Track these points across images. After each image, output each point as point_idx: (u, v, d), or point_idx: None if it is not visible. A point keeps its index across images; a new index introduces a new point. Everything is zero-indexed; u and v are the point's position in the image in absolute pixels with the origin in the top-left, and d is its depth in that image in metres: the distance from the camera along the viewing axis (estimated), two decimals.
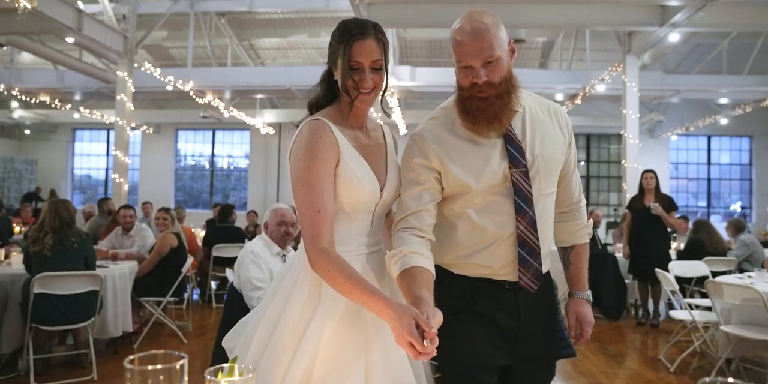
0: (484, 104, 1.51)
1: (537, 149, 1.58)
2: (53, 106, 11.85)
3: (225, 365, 1.06)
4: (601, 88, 10.03)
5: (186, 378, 0.91)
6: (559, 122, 1.67)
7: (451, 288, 1.63)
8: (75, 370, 4.03)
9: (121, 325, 4.46)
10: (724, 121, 12.36)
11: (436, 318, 1.24)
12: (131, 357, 0.89)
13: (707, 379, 0.84)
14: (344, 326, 1.41)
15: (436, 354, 1.21)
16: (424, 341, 1.18)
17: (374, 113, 1.69)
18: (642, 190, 5.88)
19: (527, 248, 1.56)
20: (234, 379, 1.03)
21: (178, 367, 0.89)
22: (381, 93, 1.55)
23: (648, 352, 5.00)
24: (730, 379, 0.83)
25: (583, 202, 1.83)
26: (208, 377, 1.00)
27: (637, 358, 4.81)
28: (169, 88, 10.36)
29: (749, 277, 4.59)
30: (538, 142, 1.59)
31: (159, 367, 0.88)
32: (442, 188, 1.58)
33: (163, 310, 5.00)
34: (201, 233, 7.40)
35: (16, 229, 7.86)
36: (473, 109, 1.52)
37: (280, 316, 1.43)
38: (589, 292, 1.83)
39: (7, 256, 4.73)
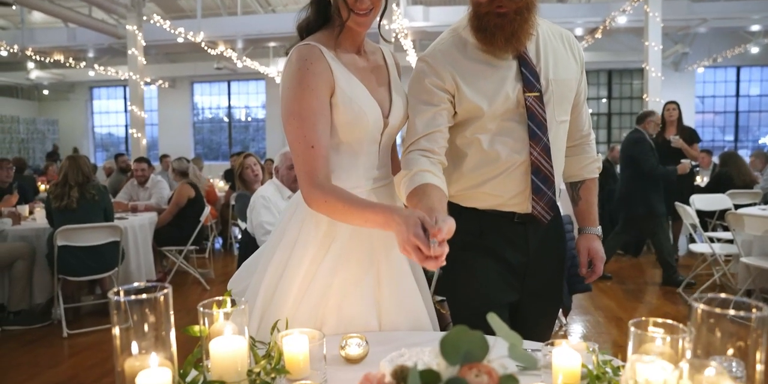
0: (503, 21, 1.41)
1: (551, 74, 1.51)
2: (68, 64, 11.84)
3: (219, 298, 1.05)
4: (622, 21, 9.62)
5: (171, 310, 0.90)
6: (572, 49, 1.60)
7: (458, 222, 1.60)
8: (104, 318, 4.17)
9: (145, 274, 4.60)
10: (755, 50, 11.83)
11: (447, 224, 1.12)
12: (116, 289, 0.88)
13: (700, 296, 0.82)
14: (354, 265, 1.38)
15: (443, 265, 1.11)
16: (431, 243, 1.08)
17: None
18: (664, 122, 5.71)
19: (541, 176, 1.50)
20: (228, 309, 1.03)
21: (161, 297, 0.88)
22: (380, 14, 1.41)
23: (667, 286, 5.00)
24: (722, 294, 0.80)
25: (593, 135, 1.77)
26: (202, 309, 1.00)
27: (655, 293, 4.81)
28: (180, 40, 10.24)
29: None
30: (552, 67, 1.52)
31: (144, 296, 0.86)
32: (455, 112, 1.51)
33: (185, 258, 5.12)
34: (219, 183, 7.48)
35: (42, 187, 8.01)
36: (491, 25, 1.42)
37: (288, 259, 1.38)
38: (600, 228, 1.78)
39: (31, 212, 4.85)
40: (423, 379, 0.69)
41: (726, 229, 4.87)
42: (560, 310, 3.46)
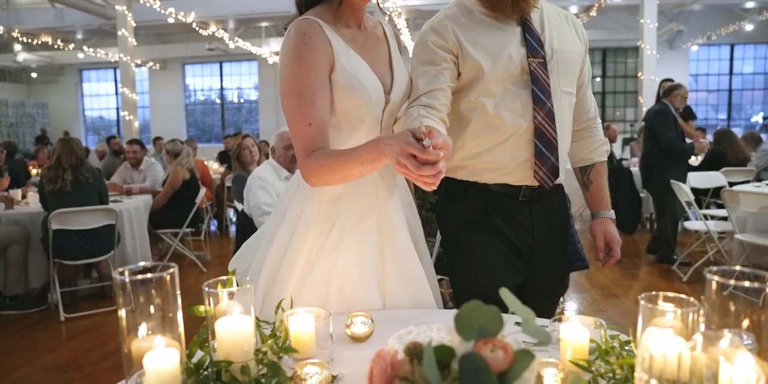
0: None
1: (555, 44, 1.53)
2: (56, 46, 11.66)
3: (224, 278, 1.04)
4: None
5: (178, 290, 0.89)
6: (576, 29, 1.62)
7: (462, 202, 1.58)
8: (101, 302, 4.19)
9: (141, 257, 4.59)
10: (749, 28, 11.76)
11: (442, 136, 1.09)
12: (121, 269, 0.86)
13: (714, 268, 0.81)
14: (357, 244, 1.36)
15: (442, 171, 1.05)
16: (425, 145, 1.03)
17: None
18: (659, 100, 5.68)
19: (544, 140, 1.50)
20: (233, 289, 1.01)
21: (167, 277, 0.86)
22: None
23: (662, 264, 5.03)
24: (737, 267, 0.79)
25: (599, 119, 1.76)
26: (206, 289, 0.98)
27: (650, 270, 4.85)
28: (171, 20, 10.09)
29: (767, 185, 4.53)
30: (557, 38, 1.54)
31: (149, 275, 0.85)
32: (459, 74, 1.50)
33: (181, 241, 5.11)
34: (214, 165, 7.45)
35: (33, 171, 7.95)
36: None
37: (291, 239, 1.36)
38: (613, 211, 1.77)
39: (24, 196, 4.81)
40: (438, 355, 0.68)
41: (719, 206, 4.89)
42: None
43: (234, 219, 7.08)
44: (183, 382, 0.86)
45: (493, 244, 1.55)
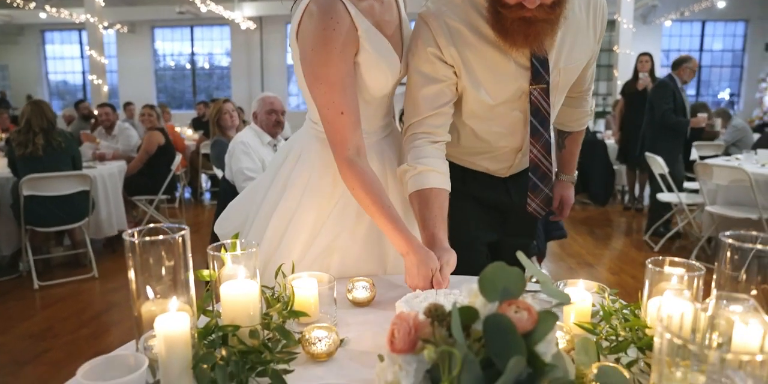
0: (527, 24, 1.25)
1: (563, 61, 1.39)
2: (15, 4, 11.13)
3: (228, 241, 1.02)
4: None
5: (189, 252, 0.87)
6: (594, 18, 1.43)
7: None
8: (76, 269, 4.12)
9: (116, 224, 4.50)
10: (721, 5, 11.88)
11: (450, 265, 1.21)
12: (130, 231, 0.84)
13: (730, 232, 0.83)
14: (360, 216, 1.36)
15: None
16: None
17: None
18: (636, 74, 5.74)
19: (539, 173, 1.49)
20: (237, 253, 1.00)
21: (179, 239, 0.84)
22: None
23: (633, 234, 5.16)
24: (753, 232, 0.81)
25: (592, 88, 1.74)
26: (211, 253, 0.97)
27: (622, 240, 4.97)
28: None
29: (737, 159, 4.65)
30: (566, 53, 1.39)
31: (161, 237, 0.83)
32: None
33: (156, 208, 5.02)
34: (188, 132, 7.30)
35: None
36: (513, 30, 1.26)
37: (294, 213, 1.36)
38: (575, 175, 1.87)
39: None
40: (461, 317, 0.69)
41: (689, 179, 5.00)
42: (535, 257, 3.56)
43: (208, 186, 6.99)
44: (194, 345, 0.85)
45: (471, 205, 1.62)
